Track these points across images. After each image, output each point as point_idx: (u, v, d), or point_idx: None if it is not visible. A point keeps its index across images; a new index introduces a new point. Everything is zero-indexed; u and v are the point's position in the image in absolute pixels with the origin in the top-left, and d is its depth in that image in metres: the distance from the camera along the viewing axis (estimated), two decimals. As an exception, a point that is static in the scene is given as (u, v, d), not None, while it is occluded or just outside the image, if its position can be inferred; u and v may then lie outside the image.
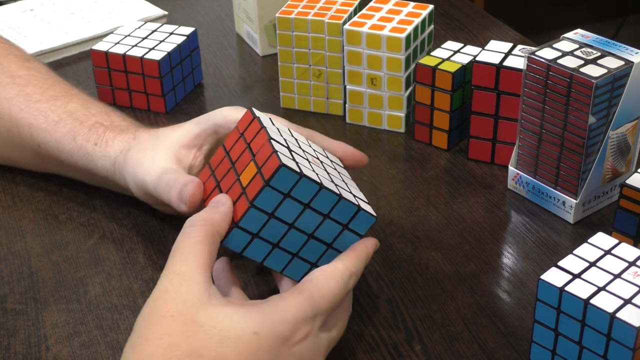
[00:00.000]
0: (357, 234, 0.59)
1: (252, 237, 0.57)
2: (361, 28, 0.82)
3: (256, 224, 0.56)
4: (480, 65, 0.77)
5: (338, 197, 0.57)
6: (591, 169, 0.70)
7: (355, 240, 0.59)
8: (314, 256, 0.59)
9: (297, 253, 0.59)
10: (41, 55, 1.01)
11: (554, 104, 0.70)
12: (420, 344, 0.61)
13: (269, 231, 0.57)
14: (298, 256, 0.59)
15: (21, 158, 0.78)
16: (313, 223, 0.58)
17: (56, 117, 0.74)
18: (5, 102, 0.76)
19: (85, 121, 0.73)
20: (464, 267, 0.68)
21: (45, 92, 0.77)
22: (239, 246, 0.57)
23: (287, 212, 0.56)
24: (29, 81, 0.78)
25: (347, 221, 0.58)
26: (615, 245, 0.57)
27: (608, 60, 0.68)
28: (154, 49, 0.89)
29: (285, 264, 0.59)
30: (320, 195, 0.57)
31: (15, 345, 0.62)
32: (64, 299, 0.66)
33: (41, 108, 0.75)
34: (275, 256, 0.58)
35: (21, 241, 0.72)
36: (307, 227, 0.58)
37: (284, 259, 0.58)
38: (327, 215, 0.58)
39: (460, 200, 0.76)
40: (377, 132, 0.87)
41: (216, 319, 0.51)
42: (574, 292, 0.53)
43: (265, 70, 1.00)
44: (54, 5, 1.14)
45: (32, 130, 0.75)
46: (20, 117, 0.75)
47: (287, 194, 0.56)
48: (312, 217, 0.57)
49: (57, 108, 0.75)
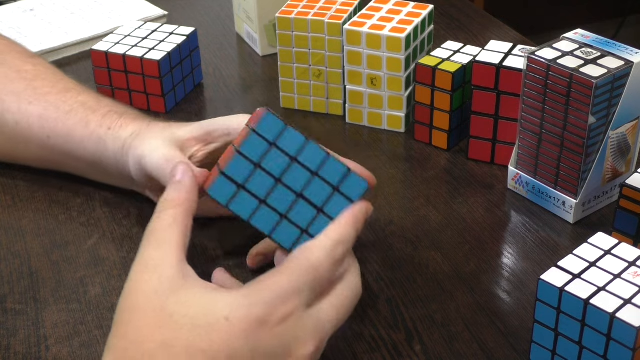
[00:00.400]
0: (348, 199, 0.58)
1: (238, 188, 0.56)
2: (361, 28, 0.82)
3: (242, 173, 0.56)
4: (480, 65, 0.77)
5: (326, 154, 0.56)
6: (591, 169, 0.70)
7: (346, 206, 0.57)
8: (303, 220, 0.57)
9: (286, 214, 0.57)
10: (41, 56, 1.01)
11: (554, 104, 0.70)
12: (420, 344, 0.61)
13: (255, 184, 0.56)
14: (287, 218, 0.57)
15: (26, 152, 0.78)
16: (301, 180, 0.56)
17: (68, 108, 0.74)
18: (14, 96, 0.76)
19: (98, 110, 0.74)
20: (464, 267, 0.68)
21: (55, 86, 0.77)
22: (225, 197, 0.56)
23: (274, 163, 0.56)
24: (36, 75, 0.78)
25: (337, 183, 0.57)
26: (615, 245, 0.57)
27: (608, 60, 0.68)
28: (154, 49, 0.89)
29: (273, 226, 0.57)
30: (307, 149, 0.56)
31: (15, 345, 0.62)
32: (64, 299, 0.66)
33: (52, 100, 0.75)
34: (263, 215, 0.57)
35: (21, 241, 0.72)
36: (295, 184, 0.56)
37: (271, 219, 0.57)
38: (316, 173, 0.56)
39: (460, 200, 0.76)
40: (377, 132, 0.87)
41: (187, 306, 0.50)
42: (574, 292, 0.53)
43: (265, 70, 1.00)
44: (54, 5, 1.14)
45: (42, 121, 0.74)
46: (30, 109, 0.75)
47: (272, 143, 0.55)
48: (300, 173, 0.56)
49: (69, 99, 0.75)
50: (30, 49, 0.86)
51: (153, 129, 0.69)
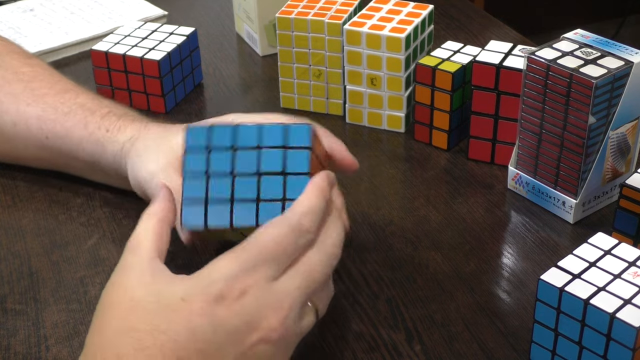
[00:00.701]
0: (302, 148, 0.55)
1: (205, 204, 0.55)
2: (361, 28, 0.82)
3: (199, 190, 0.55)
4: (480, 65, 0.77)
5: (258, 127, 0.55)
6: (591, 169, 0.70)
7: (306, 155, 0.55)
8: (276, 191, 0.55)
9: (258, 197, 0.55)
10: (41, 56, 1.01)
11: (553, 104, 0.70)
12: (420, 344, 0.61)
13: (216, 190, 0.55)
14: (261, 200, 0.55)
15: (26, 153, 0.78)
16: (251, 161, 0.55)
17: (66, 109, 0.74)
18: (12, 97, 0.76)
19: (97, 111, 0.74)
20: (464, 267, 0.68)
21: (53, 87, 0.77)
22: (199, 221, 0.55)
23: (219, 163, 0.55)
24: (34, 77, 0.78)
25: (283, 141, 0.55)
26: (615, 245, 0.57)
27: (608, 60, 0.68)
28: (154, 49, 0.89)
29: (255, 214, 0.55)
30: (240, 132, 0.55)
31: (15, 345, 0.62)
32: (64, 299, 0.66)
33: (49, 101, 0.75)
34: (240, 211, 0.55)
35: (21, 241, 0.72)
36: (248, 167, 0.55)
37: (249, 210, 0.55)
38: (259, 146, 0.55)
39: (460, 200, 0.76)
40: (377, 132, 0.87)
41: (149, 291, 0.51)
42: (573, 292, 0.53)
43: (265, 70, 1.00)
44: (54, 5, 1.14)
45: (40, 122, 0.75)
46: (28, 110, 0.75)
47: (208, 148, 0.55)
48: (247, 155, 0.55)
49: (67, 100, 0.75)
50: (28, 50, 0.86)
51: (150, 134, 0.69)
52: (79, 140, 0.73)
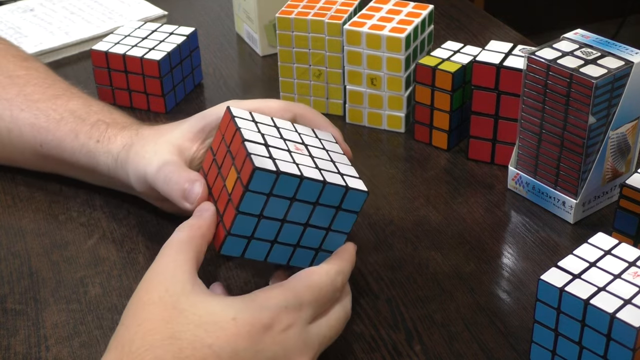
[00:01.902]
0: (352, 212, 0.59)
1: (248, 240, 0.57)
2: (361, 28, 0.82)
3: (248, 228, 0.57)
4: (480, 65, 0.77)
5: (322, 184, 0.57)
6: (591, 169, 0.70)
7: (353, 219, 0.59)
8: (315, 242, 0.59)
9: (298, 243, 0.59)
10: (41, 55, 1.01)
11: (553, 104, 0.70)
12: (420, 344, 0.61)
13: (263, 231, 0.57)
14: (299, 246, 0.59)
15: (22, 158, 0.78)
16: (305, 213, 0.58)
17: (57, 116, 0.74)
18: (6, 103, 0.76)
19: (87, 119, 0.74)
20: (464, 267, 0.68)
21: (46, 92, 0.77)
22: (237, 251, 0.58)
23: (275, 209, 0.57)
24: (28, 81, 0.78)
25: (339, 203, 0.58)
26: (615, 245, 0.57)
27: (608, 60, 0.68)
28: (154, 49, 0.89)
29: (289, 256, 0.59)
30: (303, 186, 0.56)
31: (15, 345, 0.62)
32: (64, 299, 0.66)
33: (42, 107, 0.75)
34: (277, 251, 0.58)
35: (21, 241, 0.72)
36: (299, 217, 0.58)
37: (286, 252, 0.59)
38: (317, 202, 0.57)
39: (460, 200, 0.76)
40: (377, 132, 0.87)
41: (197, 306, 0.52)
42: (574, 292, 0.53)
43: (265, 70, 1.00)
44: (54, 5, 1.14)
45: (33, 130, 0.75)
46: (21, 117, 0.75)
47: (269, 194, 0.56)
48: (302, 207, 0.57)
49: (58, 107, 0.75)
50: (24, 51, 0.86)
51: (145, 138, 0.69)
52: (71, 151, 0.73)
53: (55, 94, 0.77)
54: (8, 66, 0.79)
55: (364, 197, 0.59)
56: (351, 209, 0.59)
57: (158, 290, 0.53)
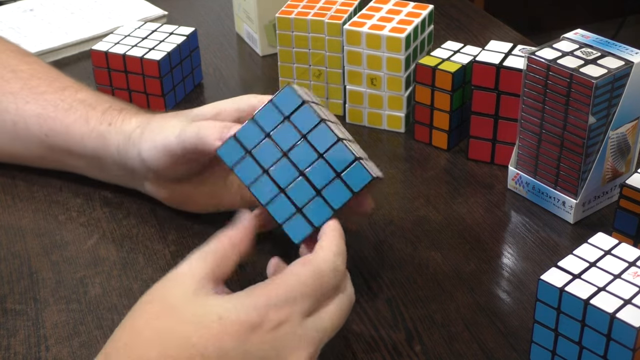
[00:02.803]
0: (349, 189, 0.58)
1: (245, 153, 0.58)
2: (361, 28, 0.82)
3: (252, 140, 0.58)
4: (480, 65, 0.77)
5: (336, 139, 0.57)
6: (591, 169, 0.70)
7: (347, 196, 0.58)
8: (301, 199, 0.59)
9: (285, 189, 0.59)
10: (41, 55, 1.01)
11: (554, 104, 0.70)
12: (420, 344, 0.61)
13: (262, 153, 0.58)
14: (285, 193, 0.59)
15: (26, 152, 0.77)
16: (307, 158, 0.58)
17: (66, 105, 0.74)
18: (11, 97, 0.76)
19: (97, 107, 0.74)
20: (464, 267, 0.68)
21: (52, 84, 0.77)
22: (231, 159, 0.59)
23: (284, 137, 0.57)
24: (32, 75, 0.78)
25: (342, 170, 0.58)
26: (615, 245, 0.57)
27: (608, 60, 0.68)
28: (154, 49, 0.89)
29: (270, 198, 0.59)
30: (319, 130, 0.57)
31: (15, 345, 0.62)
32: (64, 299, 0.66)
33: (49, 99, 0.75)
34: (263, 184, 0.59)
35: (21, 241, 0.72)
36: (300, 161, 0.58)
37: (270, 190, 0.59)
38: (322, 155, 0.58)
39: (460, 200, 0.76)
40: (377, 132, 0.87)
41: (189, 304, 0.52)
42: (574, 292, 0.53)
43: (265, 70, 1.00)
44: (54, 5, 1.14)
45: (40, 120, 0.74)
46: (27, 108, 0.75)
47: (287, 117, 0.57)
48: (307, 151, 0.58)
49: (67, 97, 0.75)
50: (24, 48, 0.86)
51: (163, 117, 0.69)
52: (80, 136, 0.73)
53: (62, 86, 0.76)
54: (9, 61, 0.79)
55: (367, 179, 0.58)
56: (349, 184, 0.58)
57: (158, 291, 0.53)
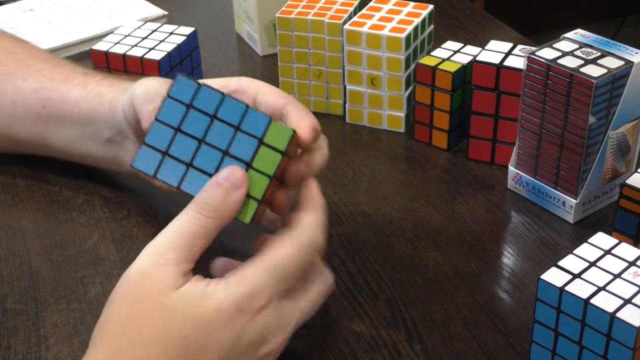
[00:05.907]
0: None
1: (163, 156, 0.55)
2: (361, 28, 0.82)
3: (164, 140, 0.55)
4: (480, 65, 0.77)
5: (245, 106, 0.55)
6: (591, 169, 0.70)
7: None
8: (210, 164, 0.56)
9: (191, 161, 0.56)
10: (41, 55, 1.01)
11: (554, 104, 0.70)
12: (420, 344, 0.61)
13: (179, 149, 0.55)
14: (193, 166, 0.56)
15: (22, 130, 0.76)
16: (225, 137, 0.55)
17: (64, 77, 0.75)
18: (8, 77, 0.76)
19: (97, 75, 0.75)
20: (464, 267, 0.68)
21: (47, 62, 0.77)
22: (151, 167, 0.56)
23: (194, 125, 0.55)
24: (27, 56, 0.78)
25: (262, 134, 0.55)
26: (615, 245, 0.57)
27: (608, 60, 0.68)
28: (154, 49, 0.89)
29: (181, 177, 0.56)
30: (224, 105, 0.55)
31: (15, 345, 0.62)
32: (64, 299, 0.66)
33: (46, 73, 0.76)
34: (192, 178, 0.55)
35: (21, 241, 0.72)
36: (220, 142, 0.55)
37: (201, 180, 0.55)
38: (238, 127, 0.55)
39: (460, 200, 0.76)
40: (377, 132, 0.87)
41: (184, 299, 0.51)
42: (574, 292, 0.53)
43: (265, 70, 1.00)
44: (54, 5, 1.14)
45: (37, 94, 0.75)
46: (24, 85, 0.75)
47: (189, 105, 0.55)
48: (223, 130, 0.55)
49: (64, 71, 0.76)
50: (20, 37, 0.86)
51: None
52: (76, 100, 0.73)
53: (59, 63, 0.77)
54: (4, 45, 0.80)
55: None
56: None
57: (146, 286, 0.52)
